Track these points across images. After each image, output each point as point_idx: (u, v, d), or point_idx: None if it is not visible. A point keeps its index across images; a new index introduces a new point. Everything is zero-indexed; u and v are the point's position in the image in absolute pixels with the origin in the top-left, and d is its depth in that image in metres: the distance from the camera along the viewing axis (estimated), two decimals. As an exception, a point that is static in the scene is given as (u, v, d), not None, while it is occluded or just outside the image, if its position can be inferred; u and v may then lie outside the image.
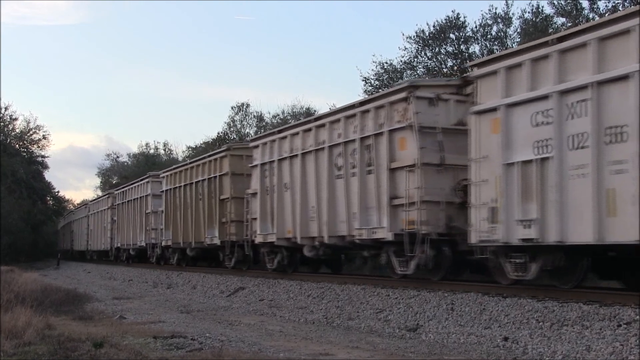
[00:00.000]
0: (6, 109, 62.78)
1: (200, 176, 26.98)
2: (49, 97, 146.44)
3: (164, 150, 75.93)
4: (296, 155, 19.36)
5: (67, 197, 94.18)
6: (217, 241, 25.32)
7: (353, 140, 16.79)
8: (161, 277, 28.88)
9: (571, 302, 11.46)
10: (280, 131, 20.90)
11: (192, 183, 27.76)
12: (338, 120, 17.53)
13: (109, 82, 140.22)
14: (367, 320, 13.83)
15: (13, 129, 64.31)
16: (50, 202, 75.65)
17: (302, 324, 14.53)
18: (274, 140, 20.79)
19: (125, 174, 70.77)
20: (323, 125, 18.19)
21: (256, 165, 21.77)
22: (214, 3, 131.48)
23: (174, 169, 30.60)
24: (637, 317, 10.00)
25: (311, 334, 12.65)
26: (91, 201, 54.27)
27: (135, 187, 37.92)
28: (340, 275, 20.33)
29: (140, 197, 36.18)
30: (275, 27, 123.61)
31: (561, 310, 11.15)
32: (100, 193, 68.92)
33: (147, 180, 35.29)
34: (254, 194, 21.89)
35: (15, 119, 64.09)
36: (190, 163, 28.84)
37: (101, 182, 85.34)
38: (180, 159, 63.63)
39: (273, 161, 20.64)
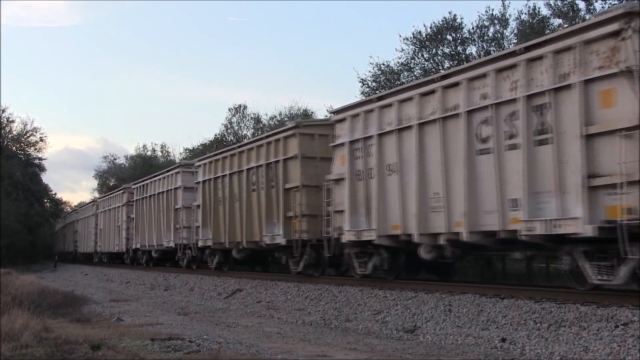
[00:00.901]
0: (3, 111, 62.84)
1: (255, 162, 22.22)
2: (44, 98, 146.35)
3: (162, 152, 75.92)
4: (409, 127, 15.24)
5: (63, 199, 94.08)
6: (280, 240, 20.53)
7: (513, 101, 12.54)
8: (159, 279, 28.85)
9: (569, 303, 11.47)
10: (380, 98, 16.52)
11: (241, 171, 23.10)
12: (483, 76, 13.29)
13: (104, 83, 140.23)
14: (365, 322, 13.83)
15: (10, 132, 64.34)
16: (47, 204, 75.63)
17: (300, 325, 14.53)
18: (370, 110, 16.51)
19: (123, 176, 70.69)
20: (456, 85, 13.96)
21: (342, 144, 17.47)
22: (211, 4, 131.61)
23: (215, 155, 25.98)
24: (635, 318, 10.02)
25: (309, 335, 12.64)
26: (100, 197, 49.83)
27: (159, 180, 32.77)
28: (337, 277, 20.30)
29: (167, 190, 31.02)
30: (272, 28, 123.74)
31: (559, 311, 11.16)
32: (97, 195, 68.82)
33: (176, 170, 30.28)
34: (339, 181, 17.66)
35: (12, 121, 64.17)
36: (240, 147, 24.05)
37: (98, 184, 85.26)
38: (177, 160, 63.54)
39: (370, 137, 16.43)
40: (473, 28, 30.88)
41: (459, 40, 31.13)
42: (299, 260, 20.34)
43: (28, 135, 65.26)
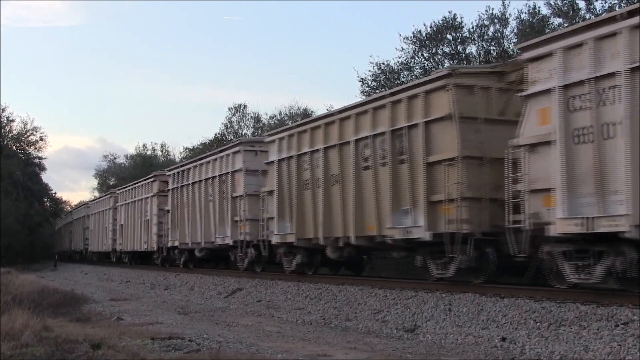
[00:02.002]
0: (3, 110, 62.83)
1: (370, 129, 16.66)
2: (43, 98, 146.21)
3: (161, 151, 75.92)
4: None
5: (63, 198, 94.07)
6: (422, 234, 14.86)
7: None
8: (159, 279, 28.87)
9: (569, 303, 11.47)
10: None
11: (345, 143, 17.69)
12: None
13: (103, 83, 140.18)
14: (365, 321, 13.83)
15: (10, 131, 64.34)
16: (47, 203, 75.63)
17: (300, 324, 14.53)
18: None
19: (123, 175, 70.71)
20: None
21: (545, 92, 12.28)
22: (211, 4, 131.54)
23: (298, 126, 20.54)
24: (635, 317, 10.02)
25: (309, 334, 12.65)
26: (121, 188, 42.28)
27: (208, 163, 26.82)
28: (338, 276, 20.30)
29: (220, 175, 25.32)
30: (271, 28, 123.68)
31: (559, 310, 11.16)
32: (97, 195, 68.78)
33: (235, 149, 24.48)
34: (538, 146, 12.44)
35: (12, 121, 64.16)
36: (341, 112, 18.23)
37: (98, 183, 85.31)
38: (177, 160, 63.54)
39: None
40: (473, 27, 30.85)
41: (459, 40, 31.11)
42: (447, 263, 14.66)
43: (28, 134, 65.33)
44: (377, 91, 30.09)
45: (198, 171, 27.63)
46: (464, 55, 30.77)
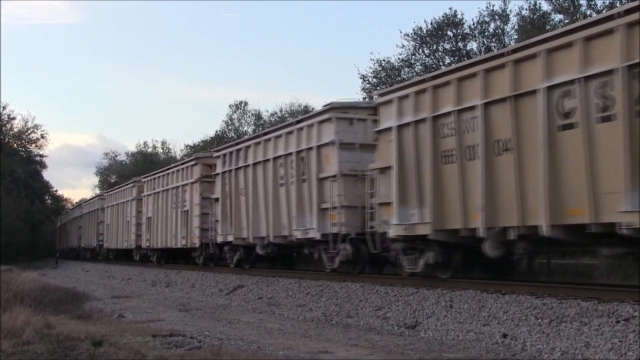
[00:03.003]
0: (4, 108, 62.89)
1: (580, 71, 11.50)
2: (43, 95, 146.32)
3: (162, 149, 75.93)
4: None
5: (64, 196, 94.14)
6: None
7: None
8: (160, 276, 28.89)
9: (570, 299, 11.48)
10: None
11: (526, 94, 12.55)
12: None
13: (103, 81, 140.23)
14: (366, 318, 13.84)
15: (11, 128, 64.39)
16: (49, 201, 75.68)
17: (301, 321, 14.54)
18: None
19: (124, 172, 70.74)
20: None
21: None
22: (211, 3, 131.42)
23: (437, 77, 15.02)
24: (636, 313, 10.02)
25: (310, 331, 12.65)
26: (147, 176, 36.46)
27: (276, 138, 21.52)
28: (337, 273, 20.30)
29: (296, 152, 20.07)
30: (272, 26, 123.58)
31: (560, 306, 11.17)
32: (98, 192, 68.76)
33: (324, 117, 18.95)
34: None
35: (13, 118, 64.22)
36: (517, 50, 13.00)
37: (99, 180, 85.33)
38: (178, 157, 63.59)
39: None
40: (474, 24, 30.88)
41: (460, 36, 31.11)
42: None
43: (29, 132, 65.38)
44: (378, 88, 30.10)
45: (262, 149, 22.27)
46: (464, 51, 30.76)
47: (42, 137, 65.94)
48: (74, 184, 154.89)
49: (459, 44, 31.20)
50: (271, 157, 21.50)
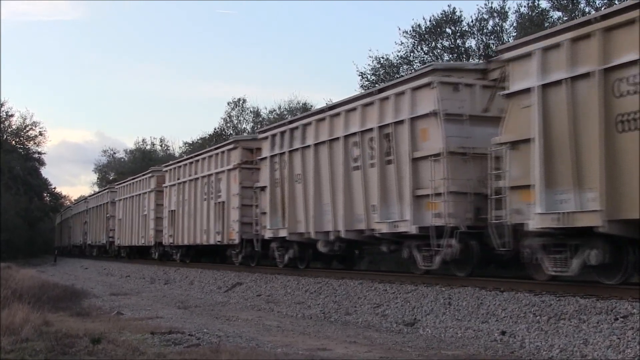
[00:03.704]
0: (2, 105, 62.80)
1: None
2: (40, 91, 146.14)
3: (161, 146, 75.95)
4: None
5: (63, 193, 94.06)
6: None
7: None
8: (159, 273, 28.88)
9: (568, 296, 11.48)
10: None
11: None
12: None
13: (102, 77, 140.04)
14: (365, 315, 13.84)
15: (9, 126, 64.31)
16: (47, 198, 75.62)
17: (300, 319, 14.54)
18: None
19: (122, 170, 70.75)
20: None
21: None
22: (211, 2, 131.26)
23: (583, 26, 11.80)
24: (635, 310, 10.03)
25: (309, 329, 12.66)
26: (166, 166, 32.94)
27: (347, 112, 17.83)
28: (340, 270, 20.31)
29: (379, 127, 16.39)
30: (271, 23, 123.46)
31: (558, 304, 11.17)
32: (97, 189, 68.73)
33: (421, 82, 15.27)
34: None
35: (12, 116, 64.15)
36: None
37: (98, 178, 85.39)
38: (177, 154, 63.58)
39: None
40: (472, 21, 30.86)
41: (459, 34, 31.09)
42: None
43: (27, 129, 65.30)
44: (376, 85, 30.10)
45: (328, 126, 18.60)
46: (463, 49, 30.75)
47: (41, 134, 65.91)
48: (72, 181, 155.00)
49: (458, 41, 31.18)
50: (341, 135, 17.77)
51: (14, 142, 64.46)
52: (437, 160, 14.57)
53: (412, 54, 31.99)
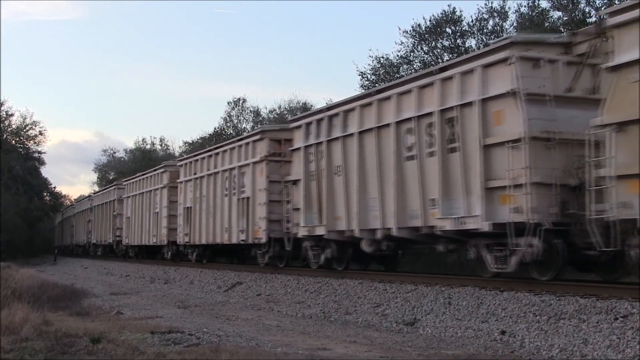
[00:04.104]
0: (2, 104, 62.78)
1: None
2: (40, 91, 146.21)
3: (161, 145, 75.97)
4: None
5: (62, 192, 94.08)
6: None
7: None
8: (158, 273, 28.87)
9: (568, 296, 11.48)
10: None
11: None
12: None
13: (101, 77, 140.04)
14: (365, 315, 13.84)
15: (9, 125, 64.28)
16: (47, 198, 75.62)
17: (300, 318, 14.54)
18: None
19: (123, 169, 70.78)
20: None
21: None
22: (210, 2, 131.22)
23: None
24: (634, 310, 10.03)
25: (309, 328, 12.66)
26: (181, 161, 30.75)
27: (399, 95, 15.99)
28: (338, 270, 20.28)
29: (440, 111, 14.71)
30: (271, 22, 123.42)
31: (558, 303, 11.17)
32: (97, 188, 68.73)
33: (496, 57, 13.52)
34: None
35: (12, 115, 64.11)
36: None
37: (98, 177, 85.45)
38: (177, 154, 63.60)
39: None
40: (472, 21, 30.85)
41: (459, 33, 31.09)
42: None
43: (27, 128, 65.27)
44: (376, 85, 30.09)
45: (375, 111, 16.61)
46: (463, 48, 30.74)
47: (41, 133, 65.87)
48: (72, 181, 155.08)
49: (458, 41, 31.18)
50: (392, 121, 15.90)
51: (13, 141, 64.42)
52: (517, 147, 12.64)
53: (412, 54, 32.00)
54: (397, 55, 32.24)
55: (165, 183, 32.26)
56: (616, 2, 22.64)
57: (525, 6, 29.58)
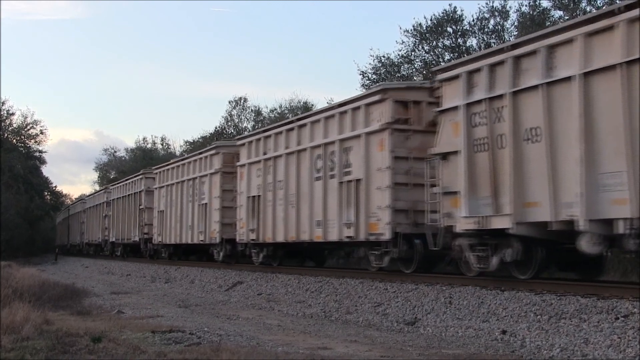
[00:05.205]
0: (3, 103, 62.84)
1: None
2: (39, 90, 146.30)
3: (162, 145, 76.00)
4: None
5: (63, 192, 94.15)
6: None
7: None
8: (159, 272, 28.86)
9: (569, 295, 11.49)
10: None
11: None
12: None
13: (101, 76, 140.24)
14: (365, 314, 13.84)
15: (10, 124, 64.34)
16: (48, 197, 75.69)
17: (301, 318, 14.54)
18: None
19: (123, 168, 70.80)
20: None
21: None
22: (210, 2, 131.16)
23: None
24: (635, 310, 10.03)
25: (309, 327, 12.66)
26: (241, 138, 24.89)
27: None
28: (338, 269, 20.28)
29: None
30: (272, 21, 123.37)
31: (559, 303, 11.17)
32: (97, 188, 68.71)
33: None
34: None
35: (13, 114, 64.18)
36: None
37: (99, 176, 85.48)
38: (177, 153, 63.60)
39: None
40: (473, 20, 30.87)
41: (460, 33, 31.10)
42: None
43: (28, 128, 65.34)
44: (376, 84, 30.07)
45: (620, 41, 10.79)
46: (464, 48, 30.75)
47: (42, 132, 65.96)
48: (72, 180, 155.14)
49: (459, 40, 31.19)
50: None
51: (14, 140, 64.48)
52: None
53: (413, 53, 32.02)
54: (398, 55, 32.29)
55: (217, 168, 26.11)
56: (617, 1, 22.62)
57: (526, 5, 29.62)
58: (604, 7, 22.70)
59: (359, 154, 17.08)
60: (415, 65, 31.67)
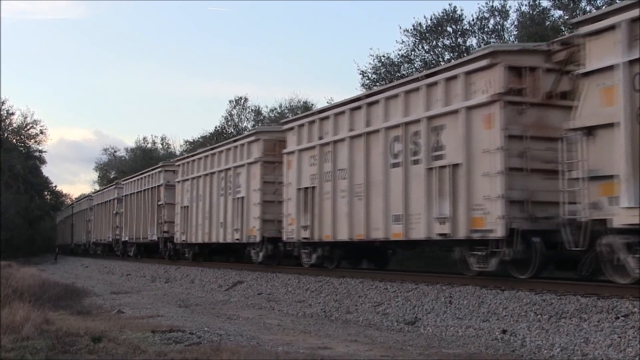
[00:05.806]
0: (3, 103, 62.85)
1: None
2: (41, 91, 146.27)
3: (162, 144, 76.00)
4: None
5: (63, 191, 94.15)
6: None
7: None
8: (159, 272, 28.86)
9: (569, 295, 11.48)
10: None
11: None
12: None
13: (101, 76, 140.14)
14: (366, 314, 13.84)
15: (10, 124, 64.35)
16: (48, 197, 75.71)
17: (301, 317, 14.54)
18: None
19: (123, 168, 70.80)
20: None
21: None
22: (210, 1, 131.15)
23: None
24: (635, 309, 10.02)
25: (310, 327, 12.66)
26: (295, 119, 21.19)
27: None
28: (337, 269, 20.26)
29: None
30: (272, 21, 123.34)
31: (559, 302, 11.17)
32: (98, 187, 68.69)
33: None
34: None
35: (12, 114, 64.19)
36: None
37: (99, 176, 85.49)
38: (178, 153, 63.60)
39: None
40: (473, 20, 30.85)
41: (459, 32, 31.09)
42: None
43: (28, 127, 65.35)
44: (377, 84, 30.06)
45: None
46: (464, 47, 30.74)
47: (42, 132, 65.96)
48: (72, 180, 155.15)
49: (459, 39, 31.18)
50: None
51: (14, 140, 64.49)
52: None
53: (413, 53, 32.01)
54: (398, 54, 32.28)
55: (257, 157, 22.70)
56: (617, 1, 22.63)
57: (526, 5, 29.61)
58: (603, 7, 22.72)
59: (456, 133, 14.21)
60: (415, 65, 31.66)
